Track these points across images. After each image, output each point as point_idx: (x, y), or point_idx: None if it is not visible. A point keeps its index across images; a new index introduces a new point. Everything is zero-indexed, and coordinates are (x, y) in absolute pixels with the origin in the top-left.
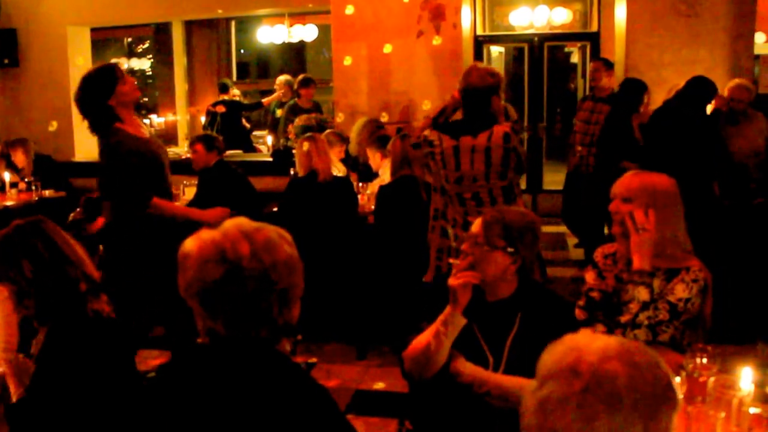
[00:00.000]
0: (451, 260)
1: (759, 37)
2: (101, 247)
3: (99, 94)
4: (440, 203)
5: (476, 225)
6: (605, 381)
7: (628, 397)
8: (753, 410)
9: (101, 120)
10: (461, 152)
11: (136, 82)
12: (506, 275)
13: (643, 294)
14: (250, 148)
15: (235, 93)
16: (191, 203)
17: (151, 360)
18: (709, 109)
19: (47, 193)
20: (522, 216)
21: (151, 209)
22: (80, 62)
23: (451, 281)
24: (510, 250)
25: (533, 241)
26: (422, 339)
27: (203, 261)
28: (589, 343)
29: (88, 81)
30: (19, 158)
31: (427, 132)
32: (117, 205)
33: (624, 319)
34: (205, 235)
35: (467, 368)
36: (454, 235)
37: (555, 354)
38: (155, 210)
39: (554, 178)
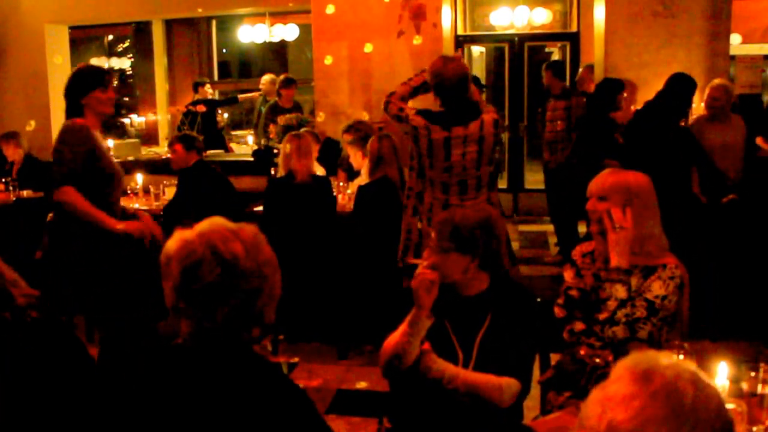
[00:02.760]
0: (411, 260)
1: (735, 38)
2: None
3: (78, 85)
4: (416, 184)
5: (434, 227)
6: (673, 395)
7: (690, 418)
8: (728, 406)
9: (70, 111)
10: (453, 143)
11: (114, 98)
12: (469, 274)
13: (620, 291)
14: (223, 145)
15: (208, 91)
16: (171, 203)
17: None
18: (695, 104)
19: (25, 193)
20: (473, 214)
21: (61, 195)
22: (59, 61)
23: (412, 283)
24: (462, 250)
25: (489, 238)
26: (392, 338)
27: (197, 261)
28: (667, 360)
29: (78, 71)
30: (10, 151)
31: (411, 114)
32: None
33: (602, 316)
34: (190, 235)
35: (437, 364)
36: (427, 219)
37: (631, 360)
38: (64, 196)
39: (535, 177)
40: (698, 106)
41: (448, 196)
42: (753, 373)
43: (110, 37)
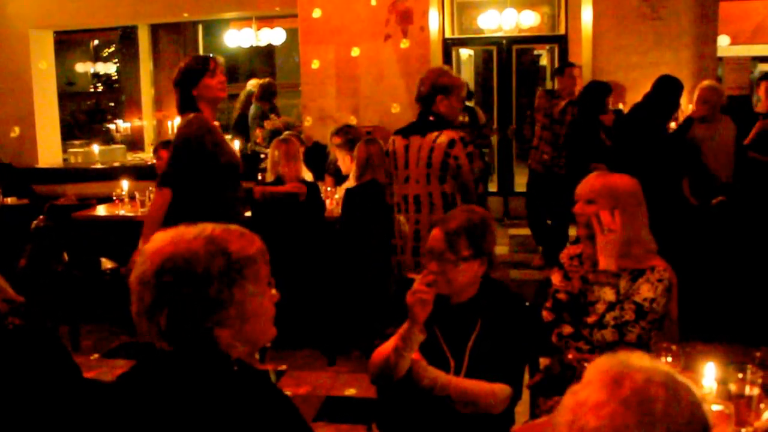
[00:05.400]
0: (410, 275)
1: (723, 40)
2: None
3: (187, 78)
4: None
5: (436, 240)
6: (644, 401)
7: (662, 423)
8: (715, 407)
9: (183, 103)
10: (410, 151)
11: (225, 82)
12: (476, 279)
13: (608, 294)
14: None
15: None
16: None
17: (118, 369)
18: (684, 104)
19: (9, 200)
20: (477, 216)
21: (156, 194)
22: (43, 66)
23: (408, 298)
24: (478, 255)
25: (491, 236)
26: (383, 350)
27: (178, 265)
28: (639, 362)
29: (184, 65)
30: None
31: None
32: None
33: (590, 319)
34: (169, 238)
35: (428, 372)
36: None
37: (602, 363)
38: (156, 196)
39: (525, 181)
40: (686, 108)
41: (407, 215)
42: (740, 375)
43: (96, 42)
